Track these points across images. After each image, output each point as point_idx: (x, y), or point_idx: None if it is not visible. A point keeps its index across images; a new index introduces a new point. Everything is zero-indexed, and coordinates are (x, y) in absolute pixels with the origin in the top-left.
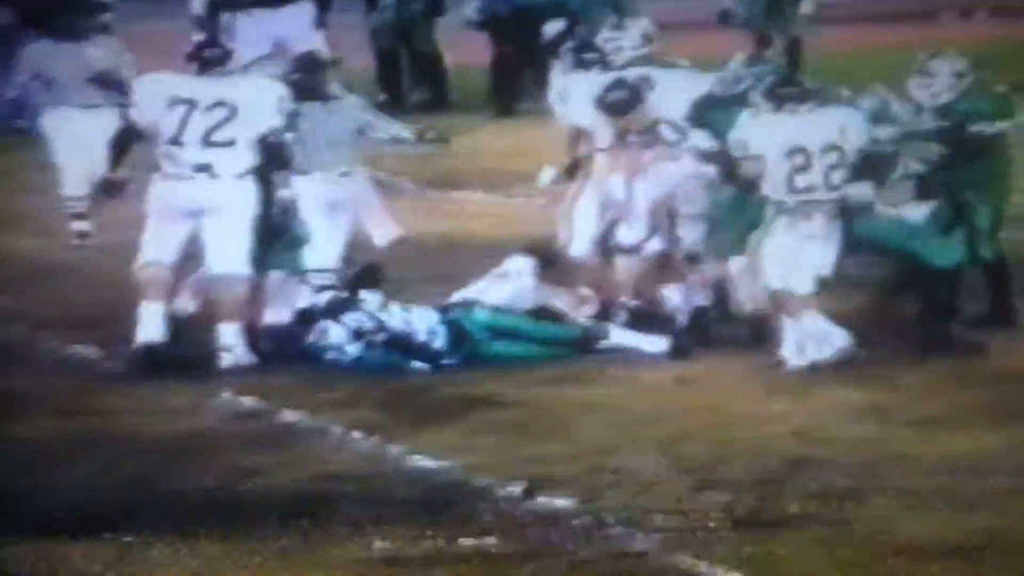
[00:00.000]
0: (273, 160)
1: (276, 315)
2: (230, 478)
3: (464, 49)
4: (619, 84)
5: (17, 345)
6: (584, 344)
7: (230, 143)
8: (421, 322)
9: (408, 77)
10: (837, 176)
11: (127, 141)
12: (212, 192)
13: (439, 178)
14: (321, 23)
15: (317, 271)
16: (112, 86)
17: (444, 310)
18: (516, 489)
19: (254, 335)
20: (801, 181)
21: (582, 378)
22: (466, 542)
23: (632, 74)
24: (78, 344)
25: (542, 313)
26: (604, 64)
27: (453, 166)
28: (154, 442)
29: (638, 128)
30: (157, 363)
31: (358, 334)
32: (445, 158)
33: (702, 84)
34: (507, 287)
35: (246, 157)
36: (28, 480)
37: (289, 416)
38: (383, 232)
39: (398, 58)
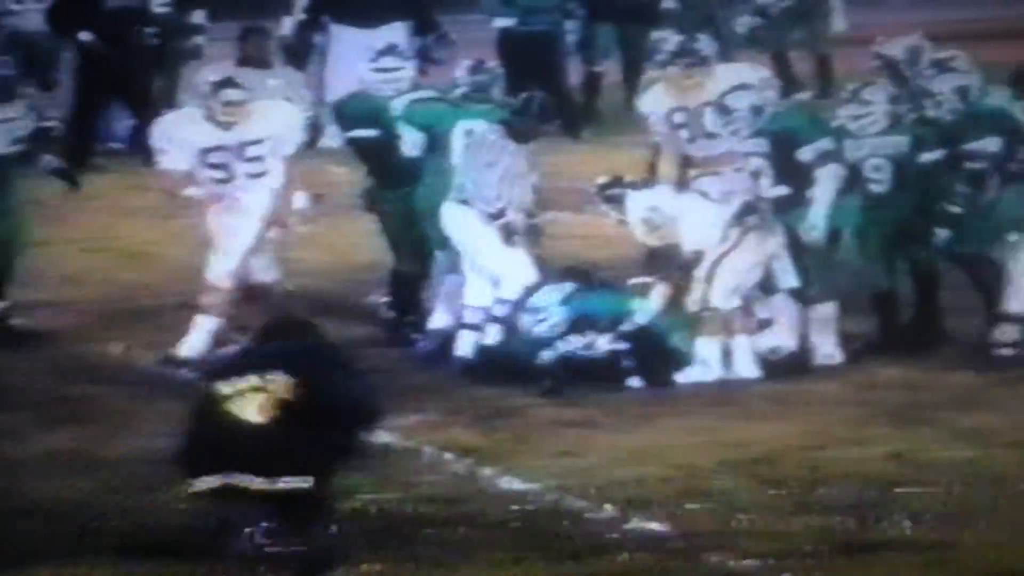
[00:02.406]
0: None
1: (440, 319)
2: None
3: None
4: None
5: (112, 363)
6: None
7: None
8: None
9: None
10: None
11: None
12: None
13: None
14: (424, 48)
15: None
16: None
17: None
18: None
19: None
20: None
21: (675, 399)
22: (557, 565)
23: None
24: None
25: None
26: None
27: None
28: None
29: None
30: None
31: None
32: None
33: None
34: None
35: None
36: (128, 497)
37: (381, 436)
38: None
39: None
